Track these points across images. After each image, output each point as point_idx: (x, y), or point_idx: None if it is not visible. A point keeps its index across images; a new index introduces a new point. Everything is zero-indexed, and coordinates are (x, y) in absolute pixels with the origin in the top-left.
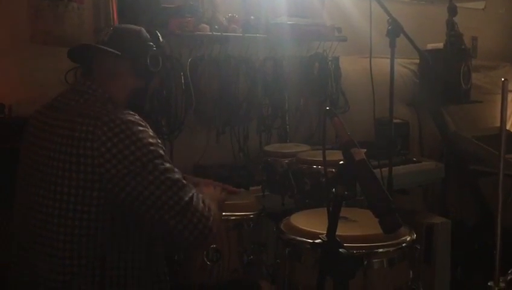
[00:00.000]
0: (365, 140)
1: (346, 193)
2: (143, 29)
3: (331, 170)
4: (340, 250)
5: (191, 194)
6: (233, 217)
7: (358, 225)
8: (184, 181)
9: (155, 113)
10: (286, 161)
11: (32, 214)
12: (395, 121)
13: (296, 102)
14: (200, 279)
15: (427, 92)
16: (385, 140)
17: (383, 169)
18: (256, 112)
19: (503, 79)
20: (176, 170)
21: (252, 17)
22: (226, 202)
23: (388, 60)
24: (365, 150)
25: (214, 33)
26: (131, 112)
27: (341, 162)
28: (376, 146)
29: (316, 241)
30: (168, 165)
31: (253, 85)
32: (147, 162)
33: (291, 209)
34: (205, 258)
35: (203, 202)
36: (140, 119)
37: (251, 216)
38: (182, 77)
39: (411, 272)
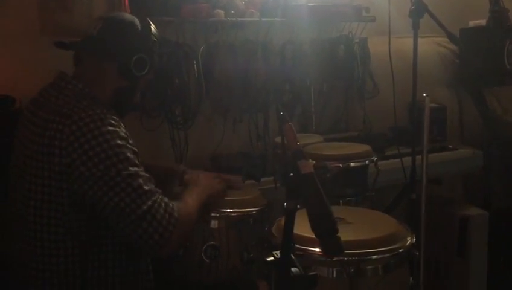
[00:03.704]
0: (395, 125)
1: (298, 206)
2: (135, 22)
3: (337, 165)
4: (292, 269)
5: (150, 202)
6: (234, 214)
7: (353, 228)
8: (146, 187)
9: (168, 102)
10: None
11: (15, 210)
12: (430, 105)
13: (319, 88)
14: (198, 276)
15: (467, 73)
16: (416, 126)
17: (417, 157)
18: (275, 99)
19: None
20: (142, 174)
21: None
22: (227, 198)
23: (422, 40)
24: (314, 162)
25: (229, 19)
26: (105, 110)
27: (291, 174)
28: (399, 132)
29: (268, 259)
30: (132, 169)
31: (272, 71)
32: (110, 166)
33: None
34: (203, 255)
35: (166, 208)
36: (113, 117)
37: (253, 212)
38: (195, 65)
39: (411, 278)
